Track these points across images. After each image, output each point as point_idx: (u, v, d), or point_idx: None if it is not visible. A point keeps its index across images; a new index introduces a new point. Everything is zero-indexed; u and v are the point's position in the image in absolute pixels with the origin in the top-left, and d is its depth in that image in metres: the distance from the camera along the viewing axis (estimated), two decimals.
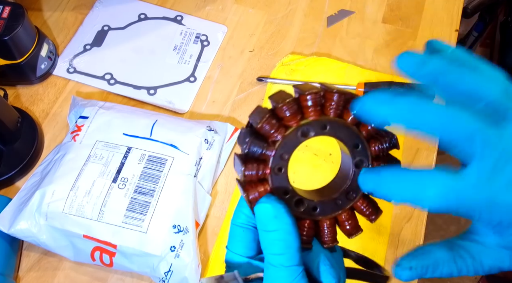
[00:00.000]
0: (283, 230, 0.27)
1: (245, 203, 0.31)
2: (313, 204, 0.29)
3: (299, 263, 0.27)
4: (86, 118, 0.60)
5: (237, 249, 0.31)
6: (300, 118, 0.27)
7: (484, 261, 0.27)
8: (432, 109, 0.24)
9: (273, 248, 0.27)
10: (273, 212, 0.27)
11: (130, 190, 0.55)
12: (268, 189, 0.28)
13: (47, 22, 0.75)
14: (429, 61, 0.25)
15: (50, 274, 0.57)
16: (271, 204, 0.27)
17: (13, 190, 0.61)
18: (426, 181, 0.24)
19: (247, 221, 0.31)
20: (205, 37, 0.74)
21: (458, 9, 0.79)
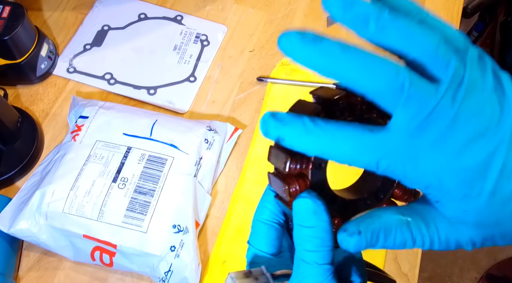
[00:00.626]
0: (321, 227, 0.26)
1: (270, 198, 0.31)
2: (345, 202, 0.29)
3: (332, 262, 0.26)
4: (86, 118, 0.60)
5: (260, 246, 0.31)
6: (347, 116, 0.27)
7: (441, 229, 0.25)
8: (354, 55, 0.22)
9: (308, 245, 0.26)
10: (313, 208, 0.26)
11: (130, 189, 0.55)
12: (308, 183, 0.27)
13: (47, 22, 0.75)
14: (357, 2, 0.23)
15: (50, 274, 0.57)
16: (312, 199, 0.26)
17: (13, 190, 0.61)
18: (341, 133, 0.23)
19: (271, 218, 0.31)
20: (205, 37, 0.74)
21: (458, 9, 0.79)
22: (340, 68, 0.22)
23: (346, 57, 0.22)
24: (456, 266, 1.49)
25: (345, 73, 0.22)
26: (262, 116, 0.25)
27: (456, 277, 1.47)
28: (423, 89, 0.22)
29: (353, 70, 0.22)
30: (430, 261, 1.49)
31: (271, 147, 0.28)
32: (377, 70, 0.22)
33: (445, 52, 0.22)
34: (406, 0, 0.24)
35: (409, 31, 0.22)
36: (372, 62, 0.22)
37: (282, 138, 0.24)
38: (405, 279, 0.58)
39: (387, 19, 0.22)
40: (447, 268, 1.48)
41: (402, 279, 0.58)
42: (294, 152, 0.27)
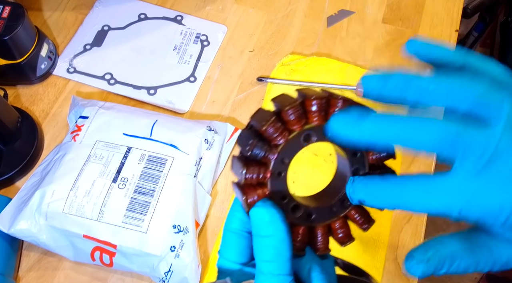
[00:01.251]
0: (276, 237, 0.26)
1: (239, 207, 0.30)
2: (309, 210, 0.29)
3: (289, 273, 0.26)
4: (86, 118, 0.60)
5: (229, 256, 0.30)
6: (305, 123, 0.27)
7: (503, 252, 0.26)
8: (396, 124, 0.24)
9: (264, 255, 0.26)
10: (268, 217, 0.26)
11: (130, 190, 0.55)
12: (266, 192, 0.27)
13: (47, 22, 0.75)
14: (390, 76, 0.25)
15: (50, 274, 0.57)
16: (266, 208, 0.26)
17: (13, 190, 0.61)
18: (410, 185, 0.25)
19: (241, 226, 0.30)
20: (205, 37, 0.74)
21: (458, 9, 0.79)
22: (391, 138, 0.24)
23: (392, 128, 0.24)
24: None
25: (398, 140, 0.24)
26: (347, 184, 0.28)
27: (456, 277, 1.47)
28: (478, 134, 0.23)
29: (404, 137, 0.24)
30: None
31: (233, 157, 0.29)
32: (426, 131, 0.23)
33: (494, 94, 0.23)
34: (443, 50, 0.26)
35: (453, 89, 0.23)
36: (418, 125, 0.24)
37: (363, 201, 0.27)
38: (405, 280, 0.58)
39: (428, 85, 0.24)
40: None
41: (402, 279, 0.58)
42: (251, 161, 0.27)
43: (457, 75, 0.24)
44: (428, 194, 0.24)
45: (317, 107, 0.27)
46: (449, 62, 0.26)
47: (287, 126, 0.27)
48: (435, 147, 0.24)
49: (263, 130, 0.27)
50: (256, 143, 0.27)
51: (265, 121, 0.27)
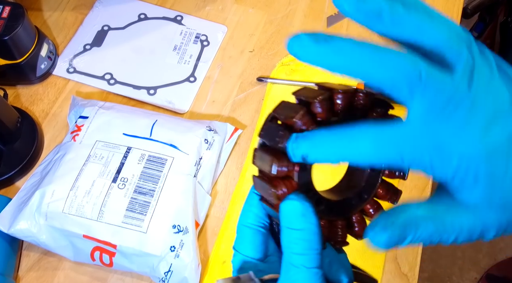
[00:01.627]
0: (309, 230, 0.26)
1: (254, 202, 0.30)
2: (331, 203, 0.29)
3: (320, 266, 0.26)
4: (86, 118, 0.60)
5: (245, 251, 0.30)
6: (331, 115, 0.27)
7: (465, 220, 0.24)
8: (369, 50, 0.23)
9: (296, 248, 0.26)
10: (301, 210, 0.26)
11: (130, 190, 0.55)
12: (295, 185, 0.27)
13: (47, 22, 0.75)
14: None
15: (50, 274, 0.57)
16: (300, 201, 0.26)
17: (13, 190, 0.61)
18: (359, 134, 0.23)
19: (257, 222, 0.30)
20: (205, 37, 0.74)
21: (458, 9, 0.79)
22: (356, 64, 0.22)
23: (361, 53, 0.22)
24: (456, 266, 1.49)
25: (361, 69, 0.22)
26: (289, 141, 0.25)
27: (456, 277, 1.47)
28: (440, 78, 0.22)
29: (369, 65, 0.22)
30: (430, 261, 1.49)
31: (256, 149, 0.28)
32: (393, 63, 0.22)
33: (457, 42, 0.23)
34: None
35: (423, 24, 0.22)
36: (388, 55, 0.22)
37: (306, 155, 0.24)
38: (405, 279, 0.58)
39: (402, 13, 0.22)
40: (447, 269, 1.48)
41: (402, 279, 0.58)
42: (279, 153, 0.27)
43: (427, 16, 0.23)
44: (379, 143, 0.23)
45: (343, 101, 0.27)
46: (417, 7, 0.25)
47: (316, 119, 0.27)
48: (395, 83, 0.22)
49: (293, 122, 0.26)
50: (288, 134, 0.26)
51: (294, 113, 0.26)
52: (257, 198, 0.30)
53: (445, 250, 1.51)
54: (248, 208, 0.31)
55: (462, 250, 1.51)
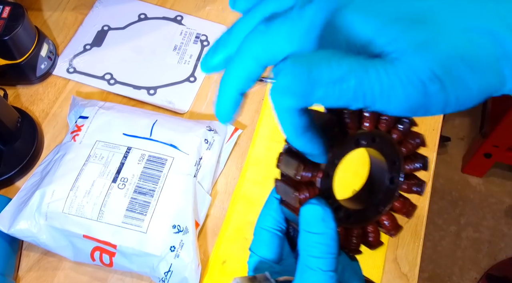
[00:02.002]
0: (328, 234, 0.26)
1: (273, 206, 0.31)
2: (349, 212, 0.30)
3: (336, 270, 0.27)
4: (86, 118, 0.60)
5: (262, 253, 0.31)
6: (359, 127, 0.28)
7: (399, 69, 0.21)
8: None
9: (314, 251, 0.26)
10: (322, 215, 0.26)
11: (130, 190, 0.55)
12: (317, 191, 0.28)
13: (47, 22, 0.75)
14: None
15: (50, 274, 0.57)
16: (321, 206, 0.27)
17: (13, 190, 0.61)
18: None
19: (275, 225, 0.31)
20: (205, 37, 0.74)
21: None
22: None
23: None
24: (456, 267, 1.49)
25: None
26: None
27: (456, 277, 1.47)
28: None
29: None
30: (430, 261, 1.49)
31: (282, 154, 0.29)
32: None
33: None
34: None
35: None
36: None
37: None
38: (405, 280, 0.58)
39: None
40: (447, 269, 1.48)
41: (402, 279, 0.58)
42: (305, 159, 0.27)
43: None
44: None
45: (370, 114, 0.28)
46: None
47: (344, 128, 0.28)
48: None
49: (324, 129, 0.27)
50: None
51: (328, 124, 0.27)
52: (276, 202, 0.31)
53: (445, 250, 1.51)
54: (267, 212, 0.31)
55: (462, 250, 1.51)
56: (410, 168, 0.30)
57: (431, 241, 1.52)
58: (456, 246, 1.52)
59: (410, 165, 0.30)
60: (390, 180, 0.30)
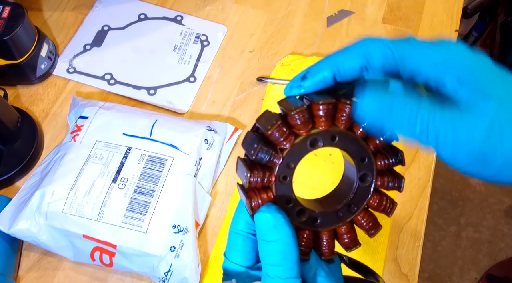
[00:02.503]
0: (282, 241, 0.26)
1: (244, 209, 0.30)
2: (314, 214, 0.29)
3: (297, 276, 0.26)
4: (86, 118, 0.60)
5: (235, 258, 0.30)
6: (311, 127, 0.27)
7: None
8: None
9: (271, 259, 0.26)
10: (273, 222, 0.26)
11: (130, 190, 0.55)
12: (271, 196, 0.27)
13: (47, 22, 0.75)
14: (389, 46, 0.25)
15: (50, 274, 0.57)
16: (271, 213, 0.26)
17: (13, 190, 0.61)
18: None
19: (247, 228, 0.30)
20: (205, 37, 0.74)
21: (458, 9, 0.79)
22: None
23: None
24: (456, 267, 1.49)
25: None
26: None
27: (456, 277, 1.47)
28: None
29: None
30: (430, 261, 1.49)
31: (238, 158, 0.28)
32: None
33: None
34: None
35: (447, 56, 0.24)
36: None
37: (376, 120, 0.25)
38: (405, 280, 0.58)
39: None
40: (447, 269, 1.48)
41: (402, 279, 0.58)
42: (256, 164, 0.27)
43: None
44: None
45: (324, 112, 0.26)
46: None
47: (293, 130, 0.27)
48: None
49: (269, 134, 0.26)
50: (262, 147, 0.26)
51: (270, 125, 0.26)
52: None
53: (445, 250, 1.51)
54: (237, 215, 0.30)
55: (462, 250, 1.51)
56: (383, 164, 0.29)
57: (431, 241, 1.52)
58: (456, 246, 1.52)
59: (383, 161, 0.29)
60: (360, 178, 0.29)
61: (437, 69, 0.24)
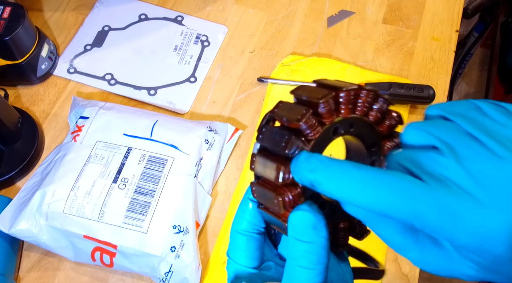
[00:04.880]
0: (319, 243, 0.24)
1: (248, 208, 0.29)
2: (333, 206, 0.28)
3: (325, 280, 0.25)
4: (86, 119, 0.60)
5: (239, 259, 0.29)
6: (336, 116, 0.26)
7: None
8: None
9: (303, 261, 0.24)
10: (314, 222, 0.24)
11: (130, 190, 0.55)
12: (300, 192, 0.26)
13: (48, 23, 0.75)
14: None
15: (50, 274, 0.57)
16: (313, 213, 0.24)
17: (14, 190, 0.61)
18: (393, 184, 0.22)
19: (250, 228, 0.29)
20: (205, 38, 0.74)
21: (459, 9, 0.79)
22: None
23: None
24: None
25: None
26: (296, 158, 0.24)
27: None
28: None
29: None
30: None
31: (255, 155, 0.27)
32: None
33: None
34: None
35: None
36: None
37: (319, 183, 0.23)
38: (406, 280, 0.58)
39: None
40: None
41: (403, 279, 0.58)
42: (284, 159, 0.25)
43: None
44: (414, 202, 0.21)
45: (345, 100, 0.26)
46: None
47: (320, 119, 0.26)
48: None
49: (298, 125, 0.25)
50: (294, 139, 0.25)
51: (301, 115, 0.25)
52: (251, 204, 0.29)
53: None
54: (241, 215, 0.29)
55: None
56: (389, 147, 0.28)
57: None
58: None
59: (390, 143, 0.28)
60: (371, 164, 0.28)
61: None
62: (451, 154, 0.22)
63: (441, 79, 0.72)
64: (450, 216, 0.21)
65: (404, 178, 0.22)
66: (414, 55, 0.74)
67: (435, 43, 0.75)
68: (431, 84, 0.69)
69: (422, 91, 0.67)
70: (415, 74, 0.72)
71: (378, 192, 0.22)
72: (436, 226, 0.21)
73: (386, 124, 0.28)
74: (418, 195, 0.21)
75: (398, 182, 0.22)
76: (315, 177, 0.23)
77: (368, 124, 0.27)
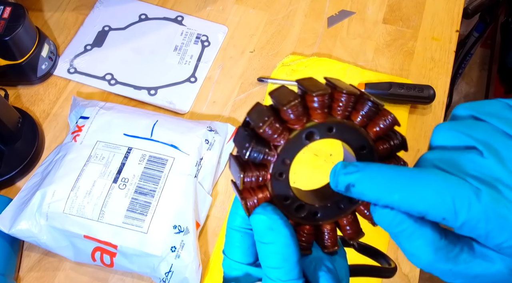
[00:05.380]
0: (280, 243, 0.25)
1: (240, 204, 0.29)
2: (314, 208, 0.28)
3: (298, 277, 0.25)
4: (86, 119, 0.60)
5: (234, 256, 0.29)
6: (306, 120, 0.25)
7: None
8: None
9: (270, 261, 0.25)
10: (269, 224, 0.25)
11: (130, 190, 0.55)
12: (267, 195, 0.26)
13: (48, 23, 0.75)
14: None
15: (50, 274, 0.57)
16: (266, 215, 0.25)
17: (14, 190, 0.61)
18: (430, 181, 0.22)
19: (244, 224, 0.29)
20: (205, 38, 0.74)
21: (459, 9, 0.79)
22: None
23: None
24: None
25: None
26: (334, 167, 0.25)
27: None
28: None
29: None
30: None
31: (230, 156, 0.27)
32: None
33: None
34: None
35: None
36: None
37: (353, 184, 0.24)
38: (406, 280, 0.58)
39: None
40: None
41: (403, 279, 0.58)
42: (250, 163, 0.25)
43: None
44: (454, 201, 0.21)
45: (318, 104, 0.25)
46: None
47: (287, 125, 0.25)
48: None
49: (261, 132, 0.25)
50: (254, 146, 0.25)
51: (262, 122, 0.24)
52: None
53: None
54: (234, 211, 0.29)
55: None
56: (385, 147, 0.27)
57: None
58: None
59: (384, 145, 0.27)
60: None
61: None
62: (492, 155, 0.22)
63: (441, 79, 0.72)
64: (501, 219, 0.21)
65: (445, 176, 0.22)
66: (414, 55, 0.74)
67: (435, 43, 0.75)
68: (431, 84, 0.69)
69: (422, 91, 0.67)
70: (415, 74, 0.72)
71: (416, 190, 0.22)
72: (484, 228, 0.21)
73: (380, 126, 0.27)
74: (463, 193, 0.21)
75: (438, 180, 0.22)
76: (350, 178, 0.24)
77: (351, 127, 0.26)
